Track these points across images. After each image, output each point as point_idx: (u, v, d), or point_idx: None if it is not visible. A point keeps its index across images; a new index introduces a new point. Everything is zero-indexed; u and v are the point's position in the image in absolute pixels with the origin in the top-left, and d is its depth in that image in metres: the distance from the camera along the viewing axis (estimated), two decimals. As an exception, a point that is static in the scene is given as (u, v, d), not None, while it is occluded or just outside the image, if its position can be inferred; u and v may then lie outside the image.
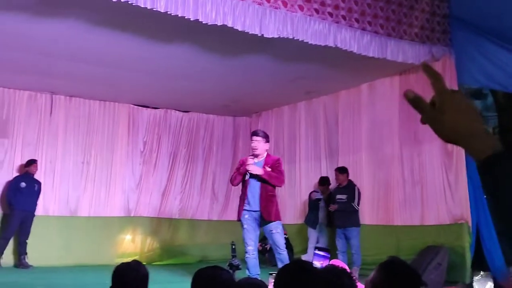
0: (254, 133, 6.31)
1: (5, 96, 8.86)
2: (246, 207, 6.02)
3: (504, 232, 0.99)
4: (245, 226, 6.01)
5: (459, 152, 7.07)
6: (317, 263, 2.59)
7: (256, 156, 6.09)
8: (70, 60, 7.33)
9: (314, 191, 8.83)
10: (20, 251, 8.28)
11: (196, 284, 2.34)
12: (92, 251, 9.08)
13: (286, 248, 6.15)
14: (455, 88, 7.12)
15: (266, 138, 6.21)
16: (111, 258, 9.29)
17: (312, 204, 8.65)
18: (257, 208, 6.02)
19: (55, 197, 9.11)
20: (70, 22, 6.00)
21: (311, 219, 8.57)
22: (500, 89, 8.73)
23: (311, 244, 8.40)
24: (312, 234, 8.47)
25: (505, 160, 0.99)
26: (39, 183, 8.56)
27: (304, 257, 8.49)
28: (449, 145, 7.15)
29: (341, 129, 9.04)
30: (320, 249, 2.84)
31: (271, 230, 6.00)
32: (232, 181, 6.27)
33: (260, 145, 6.10)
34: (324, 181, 8.59)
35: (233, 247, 5.95)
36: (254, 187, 6.06)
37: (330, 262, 3.72)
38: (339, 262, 4.41)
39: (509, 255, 6.87)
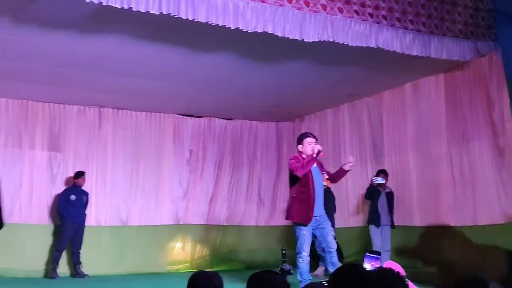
0: (313, 135, 6.08)
1: (56, 111, 9.18)
2: (314, 212, 5.87)
3: None
4: (304, 232, 5.93)
5: (511, 149, 6.86)
6: (368, 265, 2.56)
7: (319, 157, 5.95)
8: (116, 74, 7.53)
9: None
10: (75, 261, 8.52)
11: (251, 288, 2.35)
12: (144, 259, 9.28)
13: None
14: (503, 83, 6.94)
15: None
16: (162, 266, 9.50)
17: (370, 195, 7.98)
18: (321, 211, 5.96)
19: (106, 207, 9.35)
20: (114, 37, 6.18)
21: (371, 215, 7.91)
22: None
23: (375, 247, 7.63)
24: (376, 234, 7.75)
25: None
26: (87, 194, 8.80)
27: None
28: (501, 142, 6.98)
29: (386, 130, 8.92)
30: (370, 251, 2.80)
31: (330, 231, 5.98)
32: (303, 169, 5.80)
33: None
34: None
35: (284, 252, 5.93)
36: (319, 189, 5.98)
37: (385, 265, 3.65)
38: (392, 264, 4.34)
39: None
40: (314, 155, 5.81)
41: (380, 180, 7.79)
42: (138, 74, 7.57)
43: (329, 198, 7.64)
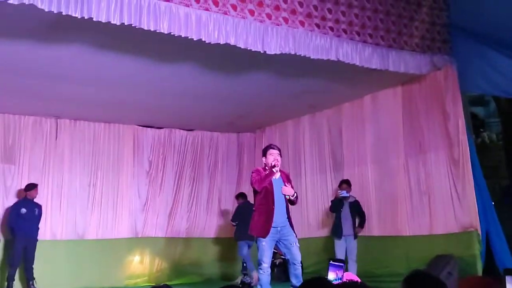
0: (277, 147, 6.01)
1: (11, 122, 8.91)
2: (274, 223, 5.80)
3: None
4: (264, 243, 5.90)
5: (465, 160, 7.07)
6: (332, 274, 2.49)
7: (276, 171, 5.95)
8: (75, 83, 7.38)
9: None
10: (28, 277, 8.22)
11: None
12: (101, 273, 9.06)
13: None
14: (458, 96, 7.18)
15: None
16: (120, 280, 9.30)
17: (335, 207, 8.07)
18: (282, 223, 5.91)
19: (62, 221, 9.09)
20: (74, 46, 6.06)
21: (334, 227, 8.02)
22: (502, 95, 8.75)
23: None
24: (339, 246, 7.82)
25: None
26: (39, 207, 8.51)
27: None
28: (455, 153, 7.19)
29: (345, 142, 9.04)
30: (334, 260, 2.72)
31: (293, 243, 5.94)
32: (261, 183, 5.82)
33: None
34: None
35: (244, 264, 5.87)
36: (280, 200, 5.92)
37: (344, 274, 3.66)
38: (351, 275, 4.40)
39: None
40: (272, 169, 5.83)
41: (344, 193, 7.91)
42: (98, 84, 7.44)
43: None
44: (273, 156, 5.94)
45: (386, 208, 8.17)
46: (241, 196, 9.45)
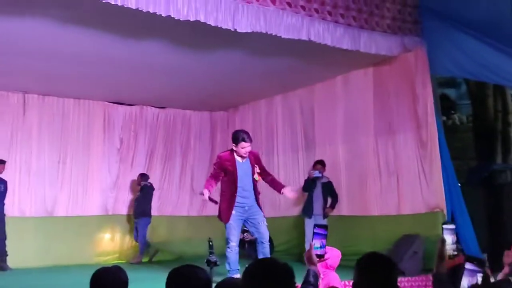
0: (249, 138, 6.03)
1: (-25, 97, 8.70)
2: (237, 204, 5.94)
3: None
4: (231, 222, 5.96)
5: (433, 142, 7.17)
6: (317, 242, 2.37)
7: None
8: (42, 58, 7.21)
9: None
10: (0, 253, 8.13)
11: (170, 284, 2.30)
12: (71, 251, 8.99)
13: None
14: (427, 78, 7.26)
15: None
16: (90, 257, 9.24)
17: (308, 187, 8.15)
18: (250, 203, 6.01)
19: (31, 197, 8.98)
20: (40, 19, 5.89)
21: (305, 207, 8.15)
22: (470, 78, 8.86)
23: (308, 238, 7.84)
24: (309, 225, 7.82)
25: None
26: (5, 182, 8.32)
27: None
28: (424, 135, 7.29)
29: (317, 122, 9.08)
30: (319, 226, 2.53)
31: (261, 222, 6.01)
32: (208, 186, 6.05)
33: None
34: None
35: (210, 243, 5.91)
36: (247, 181, 6.02)
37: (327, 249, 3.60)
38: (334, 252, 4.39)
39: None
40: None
41: (317, 173, 7.96)
42: (66, 58, 7.26)
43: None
44: (245, 149, 5.95)
45: (355, 188, 8.26)
46: (143, 176, 9.58)
